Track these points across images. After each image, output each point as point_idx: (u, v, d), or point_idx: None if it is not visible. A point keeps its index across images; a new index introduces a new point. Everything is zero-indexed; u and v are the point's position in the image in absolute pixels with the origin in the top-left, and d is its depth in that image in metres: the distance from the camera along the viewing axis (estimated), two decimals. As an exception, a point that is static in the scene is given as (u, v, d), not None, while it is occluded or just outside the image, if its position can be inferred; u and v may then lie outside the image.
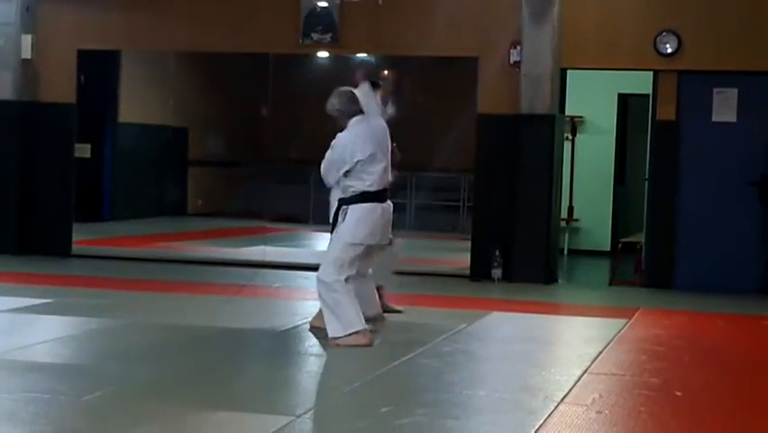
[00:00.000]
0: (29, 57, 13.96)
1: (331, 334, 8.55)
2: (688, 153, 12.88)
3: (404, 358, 8.08)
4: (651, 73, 13.05)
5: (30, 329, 9.00)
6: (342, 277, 8.60)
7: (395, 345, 8.75)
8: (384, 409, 6.54)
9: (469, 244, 13.39)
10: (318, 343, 9.08)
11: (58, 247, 13.90)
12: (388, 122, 9.22)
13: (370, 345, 8.56)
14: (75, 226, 14.23)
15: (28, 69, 14.01)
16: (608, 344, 9.03)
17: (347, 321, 8.55)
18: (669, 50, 12.70)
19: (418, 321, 9.96)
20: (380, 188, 8.75)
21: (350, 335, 8.54)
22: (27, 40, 13.93)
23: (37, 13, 14.03)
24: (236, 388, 7.20)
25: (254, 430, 6.15)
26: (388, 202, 8.89)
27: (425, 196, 16.02)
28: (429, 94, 16.86)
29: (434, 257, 14.98)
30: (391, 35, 13.36)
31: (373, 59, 15.14)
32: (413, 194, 16.06)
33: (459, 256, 13.96)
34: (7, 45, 13.90)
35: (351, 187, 8.70)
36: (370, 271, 9.24)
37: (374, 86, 9.57)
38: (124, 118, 16.85)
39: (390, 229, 9.04)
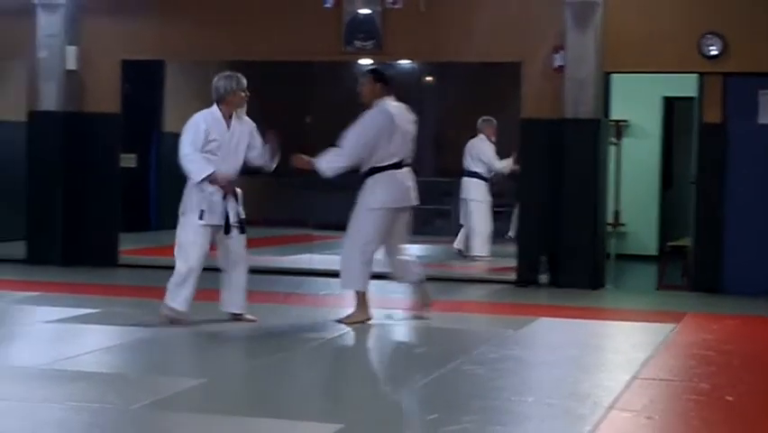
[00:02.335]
0: (74, 68, 14.05)
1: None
2: (734, 156, 12.77)
3: (450, 365, 8.05)
4: (696, 76, 12.96)
5: (77, 339, 9.04)
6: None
7: (441, 351, 8.73)
8: (431, 417, 6.52)
9: (514, 249, 13.35)
10: (365, 351, 9.09)
11: (104, 257, 13.96)
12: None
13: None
14: (121, 236, 14.29)
15: (73, 80, 14.10)
16: (657, 349, 8.96)
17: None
18: (714, 53, 12.60)
19: (464, 328, 9.94)
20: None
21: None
22: (72, 51, 14.02)
23: (82, 24, 14.12)
24: (282, 395, 7.20)
25: (302, 438, 6.15)
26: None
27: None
28: (472, 100, 16.86)
29: (478, 263, 14.95)
30: (434, 41, 13.34)
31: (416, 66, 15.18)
32: (457, 200, 16.03)
33: (504, 262, 13.92)
34: (52, 57, 13.99)
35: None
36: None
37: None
38: (169, 128, 16.91)
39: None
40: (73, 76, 14.09)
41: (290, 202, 19.27)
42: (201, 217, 9.40)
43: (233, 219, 9.50)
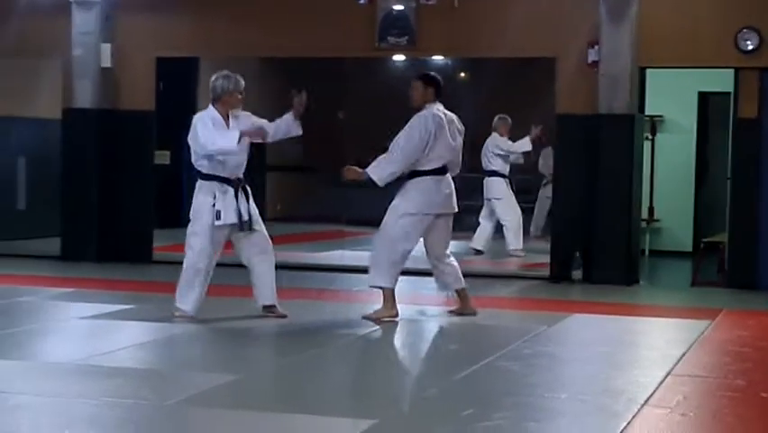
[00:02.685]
0: (108, 65, 14.10)
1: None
2: (770, 151, 12.70)
3: (484, 361, 8.03)
4: (732, 71, 12.88)
5: (112, 335, 9.09)
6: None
7: (475, 348, 8.72)
8: (465, 413, 6.51)
9: (548, 245, 13.32)
10: (398, 347, 9.09)
11: (139, 254, 14.01)
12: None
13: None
14: (155, 233, 14.35)
15: (107, 78, 14.15)
16: (692, 345, 8.91)
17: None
18: (750, 47, 12.51)
19: (498, 324, 9.92)
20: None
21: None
22: (107, 48, 14.08)
23: (116, 22, 14.17)
24: (316, 391, 7.20)
25: (335, 434, 6.15)
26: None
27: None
28: (506, 95, 16.83)
29: (511, 259, 14.92)
30: (467, 37, 13.30)
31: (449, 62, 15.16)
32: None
33: (538, 258, 13.89)
34: (87, 54, 14.05)
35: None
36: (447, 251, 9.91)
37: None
38: (203, 125, 16.95)
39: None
40: (108, 73, 14.14)
41: (322, 198, 19.31)
42: (219, 217, 9.38)
43: (245, 216, 9.47)
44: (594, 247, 12.75)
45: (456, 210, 9.89)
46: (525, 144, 15.14)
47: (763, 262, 12.71)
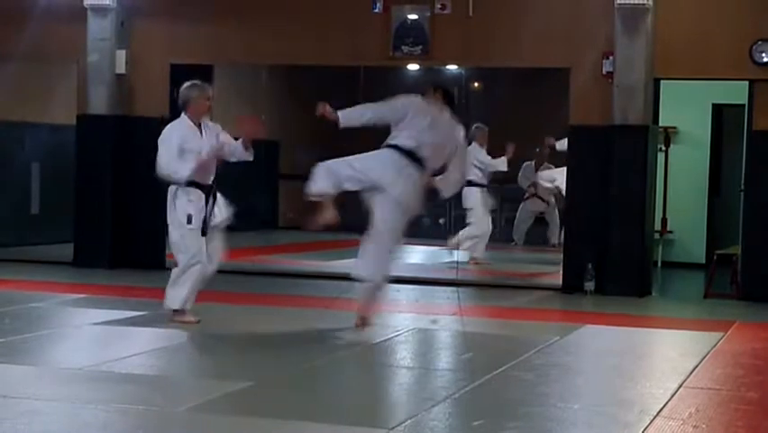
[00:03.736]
0: (123, 72, 14.14)
1: None
2: (784, 164, 12.67)
3: (496, 371, 8.02)
4: (746, 83, 12.87)
5: (124, 341, 9.09)
6: None
7: (488, 357, 8.71)
8: (477, 423, 6.50)
9: (559, 256, 13.30)
10: (411, 356, 9.08)
11: (152, 260, 14.00)
12: None
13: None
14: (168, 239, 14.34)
15: (122, 84, 14.19)
16: (704, 357, 8.89)
17: None
18: (765, 59, 12.50)
19: (510, 334, 9.91)
20: None
21: None
22: (121, 55, 14.11)
23: (131, 28, 14.21)
24: (329, 400, 7.20)
25: (347, 443, 6.14)
26: None
27: (515, 208, 15.96)
28: (520, 105, 16.80)
29: (524, 270, 14.91)
30: (482, 46, 13.31)
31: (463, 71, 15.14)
32: (503, 206, 16.00)
33: (550, 269, 13.87)
34: (102, 60, 14.09)
35: None
36: None
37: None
38: (217, 132, 16.97)
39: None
40: (122, 79, 14.18)
41: (339, 206, 19.26)
42: (189, 222, 9.57)
43: (211, 221, 9.68)
44: (607, 258, 12.73)
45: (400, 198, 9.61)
46: (501, 164, 15.09)
47: (776, 274, 12.68)
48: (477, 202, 15.09)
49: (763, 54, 12.50)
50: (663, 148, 16.00)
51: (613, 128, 12.69)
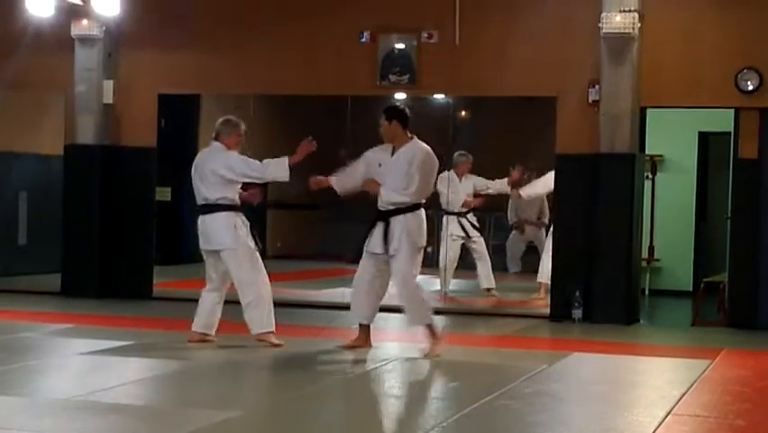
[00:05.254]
0: (110, 102, 14.16)
1: None
2: (770, 191, 12.71)
3: (484, 399, 8.01)
4: (732, 111, 12.92)
5: (111, 371, 9.06)
6: None
7: (475, 386, 8.70)
8: (465, 451, 6.48)
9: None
10: (398, 385, 9.07)
11: (139, 290, 14.01)
12: None
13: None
14: (156, 269, 14.34)
15: (109, 114, 14.20)
16: (692, 385, 8.89)
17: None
18: (750, 88, 12.56)
19: (498, 362, 9.90)
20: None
21: None
22: (109, 85, 14.13)
23: (118, 58, 14.23)
24: (317, 429, 7.18)
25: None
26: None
27: (504, 236, 15.95)
28: (507, 134, 16.83)
29: (512, 298, 14.90)
30: (468, 76, 13.36)
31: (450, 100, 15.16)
32: (491, 234, 16.00)
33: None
34: (90, 90, 14.10)
35: None
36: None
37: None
38: (204, 161, 16.96)
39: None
40: (110, 109, 14.19)
41: (324, 236, 19.27)
42: (256, 243, 10.20)
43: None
44: (594, 286, 12.74)
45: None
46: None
47: (763, 302, 12.71)
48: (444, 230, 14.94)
49: (749, 82, 12.56)
50: (650, 176, 16.05)
51: (600, 156, 12.73)
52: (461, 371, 9.48)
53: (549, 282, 13.66)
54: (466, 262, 15.38)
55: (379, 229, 9.92)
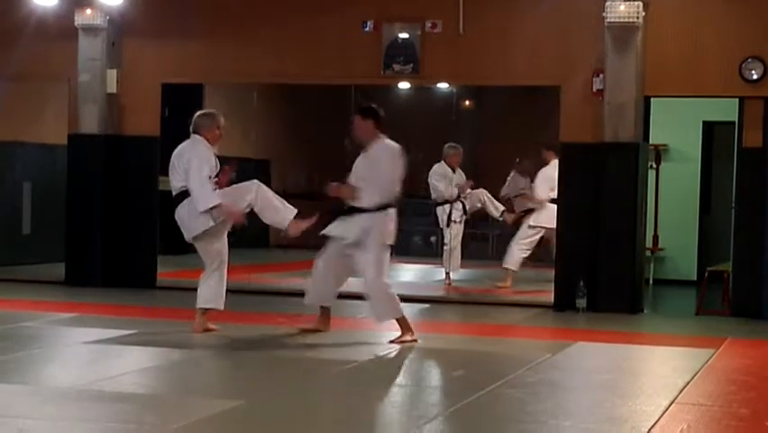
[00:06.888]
0: (114, 91, 14.15)
1: None
2: (775, 180, 12.69)
3: (488, 388, 8.01)
4: (736, 100, 12.90)
5: (115, 360, 9.07)
6: None
7: (479, 375, 8.70)
8: (468, 440, 6.49)
9: (552, 274, 13.29)
10: (402, 373, 9.07)
11: (142, 279, 14.02)
12: None
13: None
14: (159, 259, 14.35)
15: (113, 103, 14.20)
16: (696, 374, 8.89)
17: None
18: (755, 77, 12.54)
19: (502, 351, 9.90)
20: None
21: None
22: (112, 74, 14.13)
23: (122, 48, 14.22)
24: (319, 418, 7.19)
25: (338, 461, 6.13)
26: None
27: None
28: (510, 123, 16.83)
29: (517, 287, 14.89)
30: (472, 65, 13.34)
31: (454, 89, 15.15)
32: (494, 224, 16.00)
33: (543, 286, 13.86)
34: (93, 80, 14.10)
35: None
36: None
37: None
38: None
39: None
40: (113, 99, 14.18)
41: (324, 225, 19.27)
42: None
43: None
44: (598, 276, 12.74)
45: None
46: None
47: (767, 291, 12.69)
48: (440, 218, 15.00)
49: (753, 71, 12.54)
50: (654, 165, 16.03)
51: (604, 146, 12.72)
52: (464, 360, 9.48)
53: (515, 269, 13.86)
54: (470, 252, 15.40)
55: (347, 219, 10.05)
